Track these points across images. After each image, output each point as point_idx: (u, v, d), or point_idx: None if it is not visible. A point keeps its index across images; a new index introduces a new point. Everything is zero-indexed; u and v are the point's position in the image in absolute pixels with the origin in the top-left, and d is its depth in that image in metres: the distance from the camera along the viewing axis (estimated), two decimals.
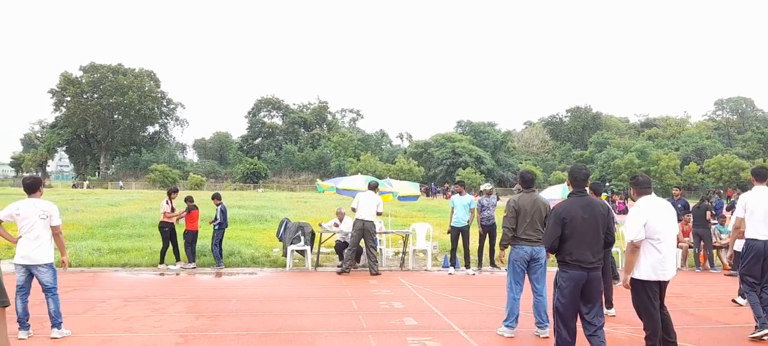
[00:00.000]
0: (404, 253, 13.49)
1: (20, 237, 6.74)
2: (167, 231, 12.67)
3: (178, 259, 12.71)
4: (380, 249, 13.65)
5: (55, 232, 6.85)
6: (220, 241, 13.02)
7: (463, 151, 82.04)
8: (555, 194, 15.05)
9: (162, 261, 12.57)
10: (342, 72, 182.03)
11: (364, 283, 11.04)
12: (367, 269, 12.21)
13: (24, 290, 6.79)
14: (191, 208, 12.94)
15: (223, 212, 13.20)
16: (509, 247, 7.31)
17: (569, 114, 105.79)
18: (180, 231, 13.03)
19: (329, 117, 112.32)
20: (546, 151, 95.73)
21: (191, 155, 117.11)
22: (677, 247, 6.22)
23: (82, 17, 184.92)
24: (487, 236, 12.91)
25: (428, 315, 8.40)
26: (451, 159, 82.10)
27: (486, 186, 13.59)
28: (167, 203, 12.79)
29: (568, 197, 5.95)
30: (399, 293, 10.10)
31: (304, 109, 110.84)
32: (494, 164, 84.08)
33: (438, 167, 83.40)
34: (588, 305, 5.70)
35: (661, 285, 5.78)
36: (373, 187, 12.68)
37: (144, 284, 10.70)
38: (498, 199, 13.30)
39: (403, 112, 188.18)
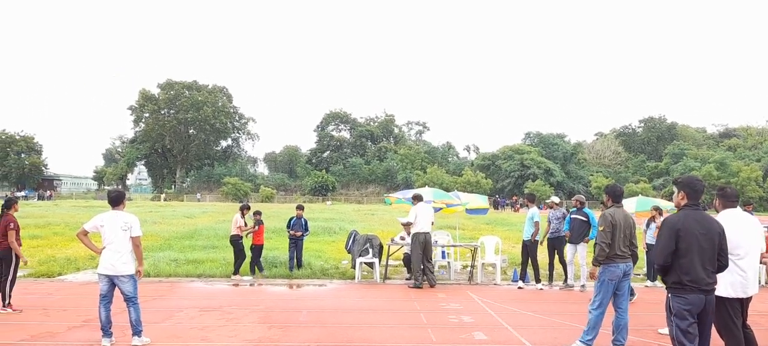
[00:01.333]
0: (473, 266, 13.39)
1: (104, 248, 7.07)
2: (240, 244, 13.04)
3: (235, 272, 13.06)
4: (448, 262, 13.61)
5: (135, 242, 7.15)
6: (301, 249, 13.86)
7: (531, 163, 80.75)
8: (629, 207, 14.65)
9: (236, 272, 12.92)
10: (408, 85, 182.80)
11: (432, 296, 11.01)
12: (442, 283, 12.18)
13: (107, 299, 7.10)
14: (259, 222, 13.29)
15: (305, 223, 14.07)
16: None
17: (642, 125, 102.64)
18: (247, 244, 13.40)
19: (396, 130, 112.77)
20: (618, 163, 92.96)
21: (262, 168, 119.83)
22: (761, 263, 5.84)
23: (160, 37, 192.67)
24: (555, 250, 12.68)
25: (498, 330, 8.31)
26: (520, 171, 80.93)
27: (554, 199, 13.39)
28: (241, 217, 13.16)
29: (681, 209, 5.34)
30: (468, 307, 10.03)
31: (371, 123, 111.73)
32: (564, 176, 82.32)
33: (506, 180, 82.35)
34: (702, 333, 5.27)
35: (743, 302, 5.50)
36: (419, 199, 12.67)
37: (218, 295, 11.01)
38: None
39: (469, 125, 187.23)
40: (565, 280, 12.51)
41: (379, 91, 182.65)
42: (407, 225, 12.59)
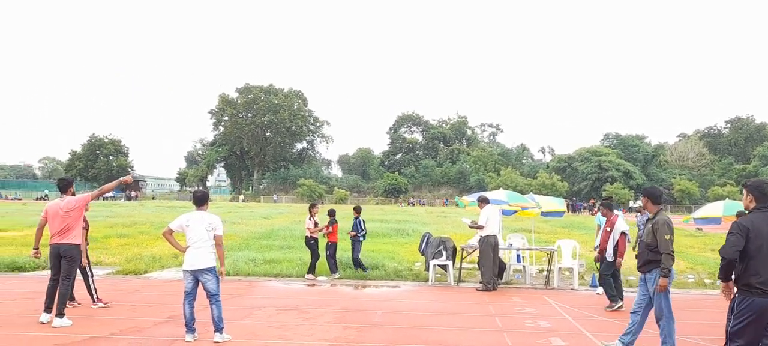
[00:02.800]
0: (549, 270, 13.14)
1: (188, 247, 7.34)
2: (313, 244, 13.26)
3: (312, 272, 13.24)
4: (523, 266, 13.40)
5: (218, 242, 7.40)
6: (359, 251, 13.68)
7: (609, 166, 78.48)
8: (715, 211, 14.04)
9: (310, 271, 13.14)
10: (482, 87, 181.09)
11: (507, 300, 10.87)
12: (509, 285, 12.01)
13: (191, 295, 7.37)
14: (333, 222, 13.46)
15: (362, 223, 13.84)
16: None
17: (729, 125, 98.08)
18: (322, 243, 13.62)
19: (468, 132, 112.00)
20: (703, 165, 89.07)
21: (336, 170, 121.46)
22: None
23: (239, 42, 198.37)
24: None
25: (576, 336, 8.11)
26: (597, 174, 78.80)
27: (639, 203, 12.93)
28: (310, 219, 13.36)
29: (751, 212, 5.17)
30: (544, 311, 9.84)
31: (444, 125, 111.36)
32: (644, 179, 79.51)
33: (582, 182, 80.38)
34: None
35: None
36: (486, 201, 12.49)
37: (295, 294, 11.23)
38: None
39: (544, 126, 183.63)
40: None
41: (452, 93, 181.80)
42: (476, 227, 12.43)
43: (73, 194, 8.58)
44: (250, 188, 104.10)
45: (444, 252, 12.88)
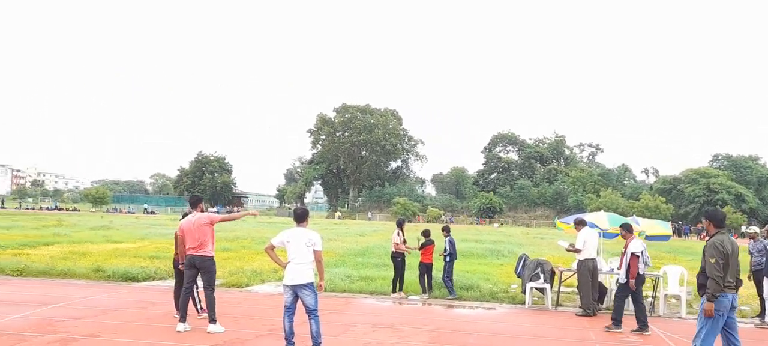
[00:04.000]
0: (654, 298, 12.54)
1: (289, 262, 7.56)
2: (399, 261, 13.29)
3: (400, 288, 13.21)
4: None
5: (317, 258, 7.57)
6: (451, 272, 13.44)
7: (719, 188, 74.24)
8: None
9: (394, 289, 13.20)
10: (580, 106, 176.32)
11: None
12: (610, 310, 11.53)
13: (290, 310, 7.56)
14: (428, 242, 13.43)
15: (452, 243, 13.65)
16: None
17: None
18: (414, 262, 13.62)
19: (566, 151, 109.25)
20: None
21: (429, 189, 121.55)
22: None
23: (337, 63, 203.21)
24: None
25: None
26: (705, 196, 74.67)
27: (754, 228, 12.16)
28: (399, 234, 13.40)
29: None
30: (649, 340, 9.41)
31: (541, 144, 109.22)
32: (758, 203, 74.59)
33: (689, 205, 76.39)
34: None
35: None
36: (582, 223, 12.06)
37: (389, 312, 11.30)
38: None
39: (648, 146, 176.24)
40: (762, 316, 11.32)
41: (549, 112, 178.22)
42: (573, 251, 12.05)
43: (203, 210, 9.08)
44: (346, 205, 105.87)
45: (541, 275, 12.58)
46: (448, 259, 13.46)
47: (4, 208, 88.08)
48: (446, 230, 14.14)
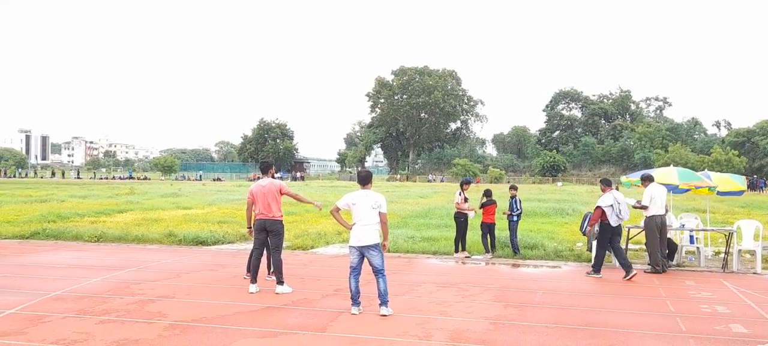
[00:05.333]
0: (727, 253, 12.12)
1: (354, 224, 7.65)
2: (462, 221, 13.24)
3: (463, 248, 13.17)
4: (697, 248, 12.49)
5: (382, 219, 7.64)
6: (516, 231, 13.38)
7: None
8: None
9: (456, 249, 13.18)
10: (646, 59, 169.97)
11: (679, 283, 10.20)
12: (681, 267, 11.27)
13: (356, 270, 7.67)
14: (489, 202, 13.33)
15: (517, 202, 13.56)
16: None
17: None
18: (477, 222, 13.55)
19: (632, 107, 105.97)
20: None
21: (490, 150, 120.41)
22: None
23: (395, 25, 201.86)
24: None
25: (762, 324, 7.44)
26: None
27: None
28: (460, 193, 13.33)
29: None
30: (722, 296, 9.12)
31: (605, 100, 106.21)
32: None
33: (765, 158, 73.09)
34: None
35: None
36: (650, 179, 11.69)
37: (453, 271, 11.33)
38: None
39: (719, 98, 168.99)
40: None
41: (613, 66, 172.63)
42: (640, 207, 11.72)
43: (273, 176, 9.28)
44: (406, 168, 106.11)
45: None
46: (514, 219, 13.40)
47: (79, 178, 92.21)
48: (514, 189, 14.05)
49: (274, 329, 6.93)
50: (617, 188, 12.63)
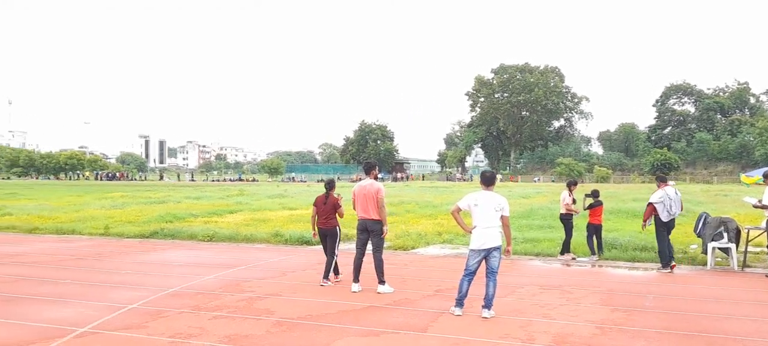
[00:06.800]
0: None
1: (475, 227, 7.52)
2: (569, 222, 12.88)
3: (567, 250, 12.78)
4: None
5: (505, 222, 7.53)
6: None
7: None
8: None
9: (562, 252, 12.83)
10: (765, 48, 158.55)
11: None
12: None
13: (473, 274, 7.58)
14: (596, 203, 12.91)
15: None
16: None
17: None
18: (583, 223, 13.15)
19: (751, 100, 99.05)
20: None
21: (596, 148, 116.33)
22: None
23: (494, 23, 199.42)
24: None
25: None
26: None
27: None
28: (569, 194, 12.98)
29: None
30: None
31: (721, 94, 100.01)
32: None
33: None
34: None
35: None
36: None
37: (556, 274, 11.06)
38: None
39: None
40: None
41: (728, 57, 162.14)
42: (761, 207, 10.95)
43: (376, 177, 9.40)
44: (507, 167, 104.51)
45: (725, 234, 11.62)
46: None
47: (193, 180, 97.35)
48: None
49: (376, 328, 7.04)
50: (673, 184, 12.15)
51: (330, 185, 9.78)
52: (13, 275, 10.53)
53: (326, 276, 9.63)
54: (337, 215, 9.63)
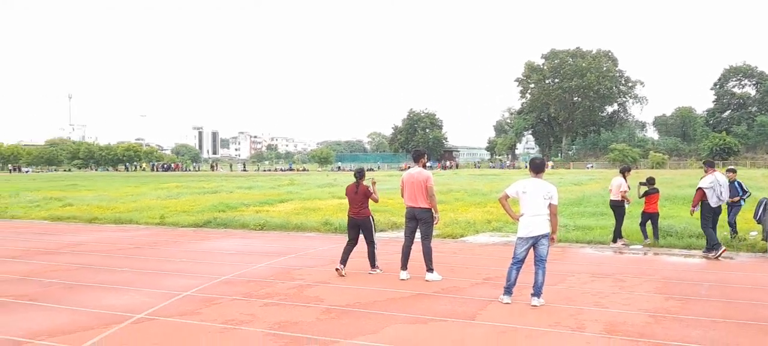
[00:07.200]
0: None
1: (522, 215, 7.46)
2: (621, 208, 12.63)
3: (620, 237, 12.52)
4: None
5: (553, 211, 7.42)
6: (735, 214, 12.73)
7: None
8: None
9: (614, 239, 12.59)
10: None
11: None
12: None
13: (521, 262, 7.51)
14: (652, 191, 12.64)
15: (740, 185, 12.94)
16: None
17: None
18: (635, 211, 12.90)
19: None
20: None
21: (651, 133, 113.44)
22: None
23: (544, 9, 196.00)
24: None
25: None
26: None
27: None
28: (625, 181, 12.70)
29: None
30: None
31: None
32: None
33: None
34: None
35: None
36: None
37: (609, 261, 10.86)
38: None
39: None
40: None
41: None
42: None
43: (424, 165, 9.39)
44: (559, 154, 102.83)
45: None
46: (742, 203, 12.97)
47: (245, 170, 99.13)
48: (732, 171, 13.18)
49: (424, 315, 7.06)
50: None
51: (359, 174, 9.71)
52: (74, 263, 10.96)
53: (373, 265, 9.72)
54: (368, 203, 9.57)
